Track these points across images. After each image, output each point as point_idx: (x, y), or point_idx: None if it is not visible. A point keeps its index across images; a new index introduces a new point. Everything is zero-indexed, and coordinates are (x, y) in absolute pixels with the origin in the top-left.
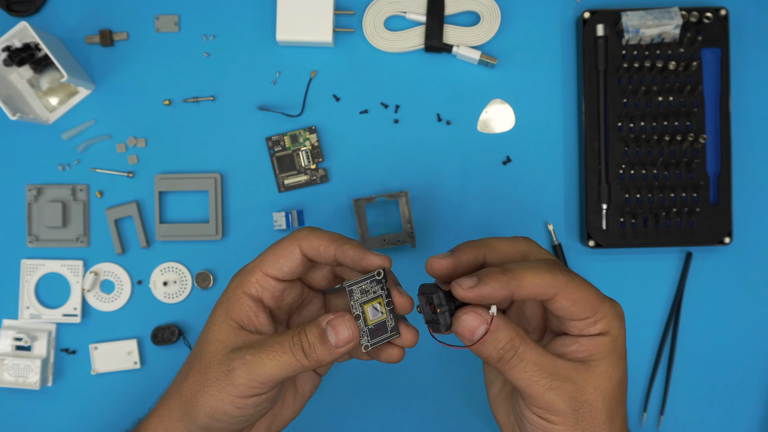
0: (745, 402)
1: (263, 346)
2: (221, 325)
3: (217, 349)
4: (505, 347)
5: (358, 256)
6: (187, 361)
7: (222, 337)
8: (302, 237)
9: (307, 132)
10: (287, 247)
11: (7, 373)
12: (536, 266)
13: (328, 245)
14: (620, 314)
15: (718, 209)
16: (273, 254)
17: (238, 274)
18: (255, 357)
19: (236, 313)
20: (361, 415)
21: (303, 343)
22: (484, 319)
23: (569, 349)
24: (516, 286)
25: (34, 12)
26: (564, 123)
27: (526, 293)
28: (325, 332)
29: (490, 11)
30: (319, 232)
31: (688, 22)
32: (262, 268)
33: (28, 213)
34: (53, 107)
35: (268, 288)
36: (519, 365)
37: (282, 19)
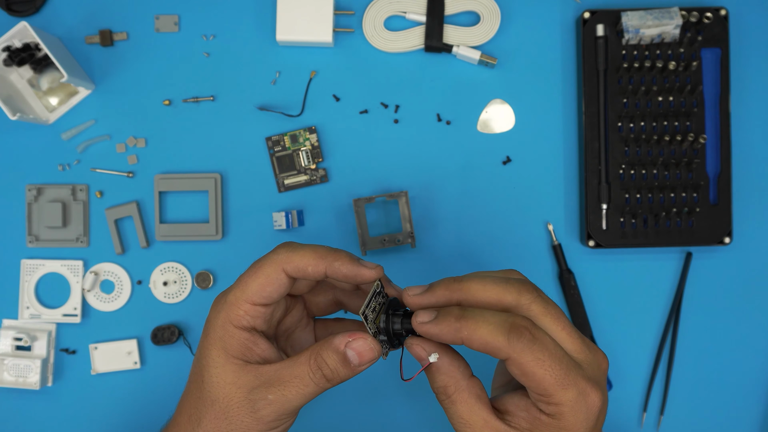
0: (745, 402)
1: (282, 383)
2: (224, 367)
3: (231, 392)
4: (438, 389)
5: (351, 273)
6: (192, 406)
7: (231, 379)
8: (285, 260)
9: (307, 132)
10: (271, 274)
11: (7, 373)
12: (496, 323)
13: (316, 265)
14: (588, 407)
15: (718, 209)
16: (257, 283)
17: (222, 307)
18: (277, 395)
19: (235, 349)
20: (360, 411)
21: (324, 371)
22: (427, 354)
23: (518, 413)
24: (466, 337)
25: (34, 12)
26: (564, 123)
27: (474, 347)
28: (345, 355)
29: (490, 11)
30: (302, 252)
31: (688, 22)
32: (248, 299)
33: (28, 213)
34: (53, 107)
35: (259, 316)
36: (449, 410)
37: (282, 19)
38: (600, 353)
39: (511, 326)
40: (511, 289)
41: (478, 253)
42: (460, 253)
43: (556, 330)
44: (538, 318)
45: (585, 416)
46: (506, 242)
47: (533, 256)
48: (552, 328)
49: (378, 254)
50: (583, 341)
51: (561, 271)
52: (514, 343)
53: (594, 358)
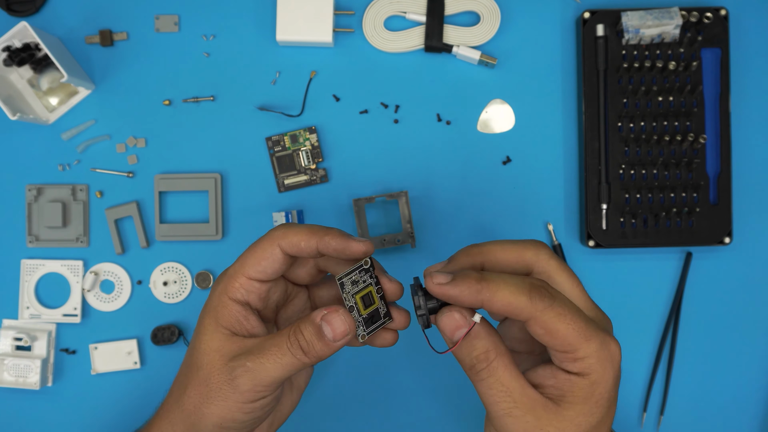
0: (745, 402)
1: (262, 351)
2: (213, 334)
3: (214, 359)
4: (479, 357)
5: (341, 246)
6: (182, 374)
7: (216, 346)
8: (280, 236)
9: (307, 132)
10: (267, 248)
11: (7, 373)
12: (516, 283)
13: (308, 239)
14: (611, 357)
15: (718, 209)
16: (253, 257)
17: (221, 279)
18: (255, 363)
19: (225, 320)
20: (358, 409)
21: (300, 342)
22: (467, 321)
23: (546, 383)
24: (487, 299)
25: (34, 12)
26: (564, 123)
27: (496, 308)
28: (321, 328)
29: (490, 11)
30: (296, 228)
31: (688, 22)
32: (245, 273)
33: (28, 213)
34: (53, 107)
35: (253, 291)
36: (487, 380)
37: (282, 19)
38: (605, 314)
39: (531, 286)
40: (530, 247)
41: None
42: None
43: (571, 287)
44: (556, 274)
45: (611, 366)
46: None
47: None
48: (568, 284)
49: (378, 254)
50: (592, 300)
51: None
52: (537, 302)
53: (603, 316)
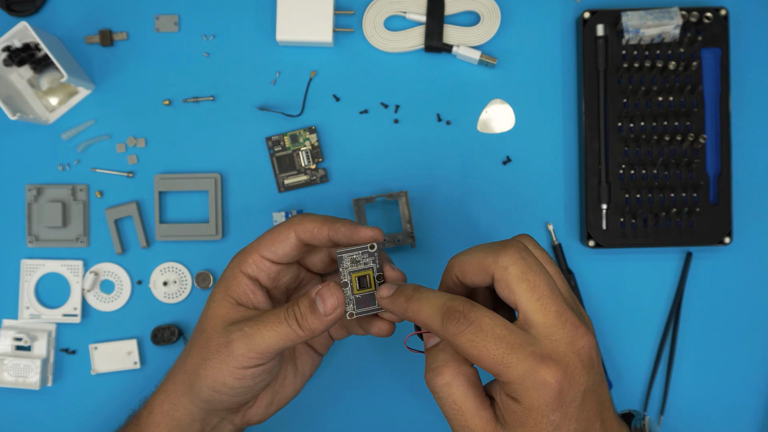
0: (745, 402)
1: (260, 318)
2: (220, 302)
3: (217, 323)
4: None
5: (349, 231)
6: (190, 338)
7: (221, 313)
8: (297, 222)
9: (307, 132)
10: (283, 231)
11: (7, 373)
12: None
13: (321, 227)
14: (543, 382)
15: (718, 209)
16: (269, 238)
17: (237, 255)
18: (252, 328)
19: (234, 290)
20: (359, 399)
21: (296, 314)
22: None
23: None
24: (411, 318)
25: (34, 12)
26: (564, 123)
27: (420, 324)
28: (314, 302)
29: (490, 11)
30: (312, 216)
31: (688, 22)
32: (259, 251)
33: (28, 213)
34: (53, 107)
35: (264, 269)
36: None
37: (282, 19)
38: (579, 329)
39: (447, 310)
40: (490, 253)
41: None
42: None
43: (529, 299)
44: (513, 282)
45: (539, 393)
46: None
47: None
48: (525, 296)
49: None
50: (559, 315)
51: (561, 271)
52: (447, 326)
53: (565, 335)
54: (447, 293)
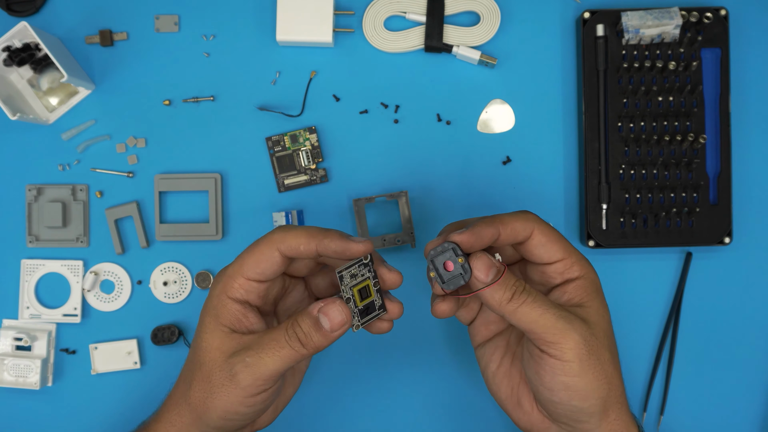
0: (745, 402)
1: (260, 346)
2: (213, 333)
3: (215, 356)
4: (516, 284)
5: (341, 248)
6: (187, 369)
7: (217, 344)
8: (279, 239)
9: (307, 132)
10: (265, 251)
11: (7, 373)
12: (513, 213)
13: (307, 243)
14: (587, 261)
15: (718, 209)
16: (252, 259)
17: (220, 279)
18: (254, 358)
19: (225, 318)
20: (358, 391)
21: (299, 334)
22: (493, 262)
23: (562, 300)
24: (499, 223)
25: (34, 12)
26: (564, 123)
27: (508, 230)
28: (318, 320)
29: (490, 11)
30: (295, 231)
31: (688, 22)
32: (244, 274)
33: (28, 213)
34: (53, 107)
35: (252, 290)
36: (528, 299)
37: (282, 19)
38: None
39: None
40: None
41: None
42: None
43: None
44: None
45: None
46: None
47: None
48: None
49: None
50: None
51: None
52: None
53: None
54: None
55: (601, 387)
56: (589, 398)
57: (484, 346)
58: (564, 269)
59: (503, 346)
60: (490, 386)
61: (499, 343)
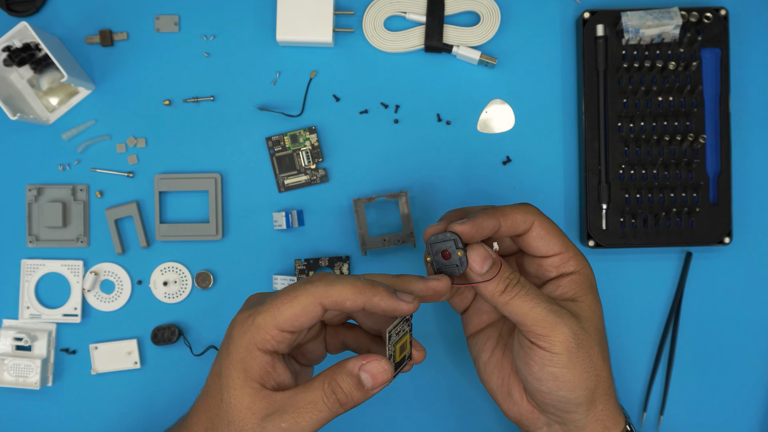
0: (745, 402)
1: (296, 410)
2: (243, 390)
3: (246, 416)
4: (510, 276)
5: (390, 308)
6: (209, 419)
7: (247, 403)
8: (323, 294)
9: (307, 132)
10: (308, 306)
11: (7, 373)
12: (514, 205)
13: (355, 300)
14: (583, 256)
15: (718, 209)
16: (291, 312)
17: (248, 328)
18: (291, 423)
19: (255, 373)
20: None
21: (338, 395)
22: (490, 254)
23: (556, 294)
24: (500, 214)
25: (34, 12)
26: (564, 123)
27: (509, 222)
28: (359, 378)
29: (490, 11)
30: (341, 286)
31: (688, 22)
32: (279, 326)
33: (28, 213)
34: (53, 107)
35: (284, 341)
36: (521, 291)
37: (282, 19)
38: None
39: (525, 204)
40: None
41: None
42: None
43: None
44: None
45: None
46: None
47: None
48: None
49: (378, 254)
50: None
51: None
52: (533, 210)
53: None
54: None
55: (590, 379)
56: (577, 389)
57: (476, 335)
58: (560, 263)
59: (495, 337)
60: (481, 376)
61: (492, 334)
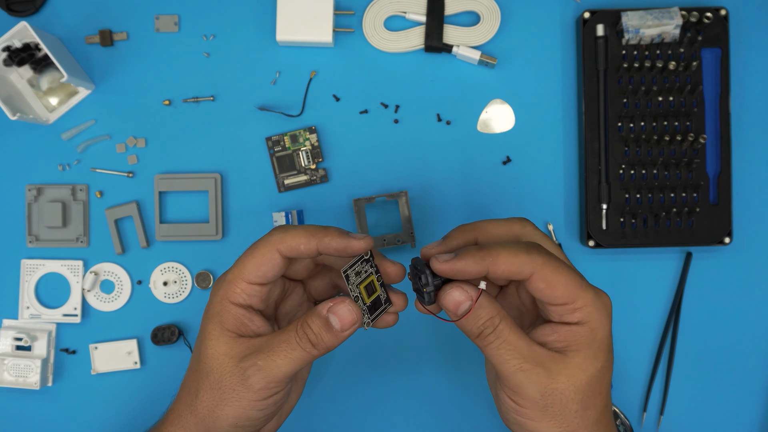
0: (745, 402)
1: (271, 348)
2: (219, 339)
3: (224, 362)
4: (485, 324)
5: (342, 245)
6: (191, 379)
7: (224, 350)
8: (278, 240)
9: (307, 132)
10: (266, 254)
11: (7, 373)
12: (515, 246)
13: (308, 242)
14: (605, 305)
15: (718, 209)
16: (252, 263)
17: (221, 285)
18: (266, 360)
19: (230, 323)
20: (360, 394)
21: (309, 335)
22: (469, 295)
23: (549, 338)
24: (491, 262)
25: (34, 12)
26: (564, 123)
27: (500, 270)
28: (328, 320)
29: (490, 11)
30: (294, 231)
31: (688, 22)
32: (245, 278)
33: (28, 213)
34: (53, 107)
35: (255, 294)
36: (495, 342)
37: (282, 19)
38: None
39: (528, 245)
40: (517, 222)
41: None
42: None
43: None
44: (542, 242)
45: (606, 312)
46: None
47: None
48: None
49: None
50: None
51: None
52: (536, 257)
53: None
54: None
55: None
56: None
57: None
58: (564, 312)
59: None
60: (491, 390)
61: None
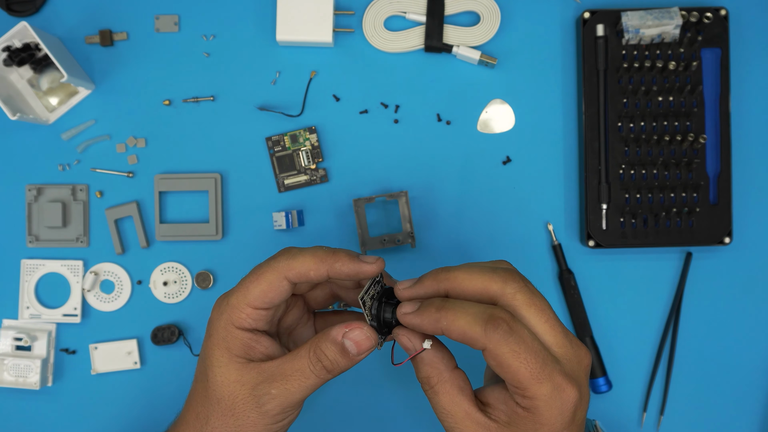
0: (745, 402)
1: (284, 377)
2: (228, 366)
3: (236, 390)
4: (422, 380)
5: (353, 271)
6: (199, 405)
7: (235, 377)
8: (286, 267)
9: (307, 132)
10: (273, 281)
11: (7, 373)
12: (475, 313)
13: (318, 269)
14: (562, 403)
15: (718, 209)
16: (259, 289)
17: (224, 309)
18: (281, 389)
19: (237, 349)
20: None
21: (324, 362)
22: (412, 345)
23: (498, 406)
24: (445, 327)
25: (34, 12)
26: (564, 123)
27: (453, 336)
28: (344, 345)
29: (490, 11)
30: (302, 257)
31: (688, 22)
32: (250, 303)
33: (28, 213)
34: (53, 107)
35: (260, 318)
36: (432, 400)
37: (282, 19)
38: (582, 349)
39: (489, 317)
40: (497, 279)
41: (478, 253)
42: (459, 254)
43: (538, 322)
44: (522, 308)
45: (560, 411)
46: (506, 242)
47: (533, 256)
48: (535, 319)
49: (378, 254)
50: (566, 335)
51: (561, 271)
52: (491, 333)
53: (575, 354)
54: (480, 304)
55: None
56: None
57: None
58: (514, 393)
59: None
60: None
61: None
